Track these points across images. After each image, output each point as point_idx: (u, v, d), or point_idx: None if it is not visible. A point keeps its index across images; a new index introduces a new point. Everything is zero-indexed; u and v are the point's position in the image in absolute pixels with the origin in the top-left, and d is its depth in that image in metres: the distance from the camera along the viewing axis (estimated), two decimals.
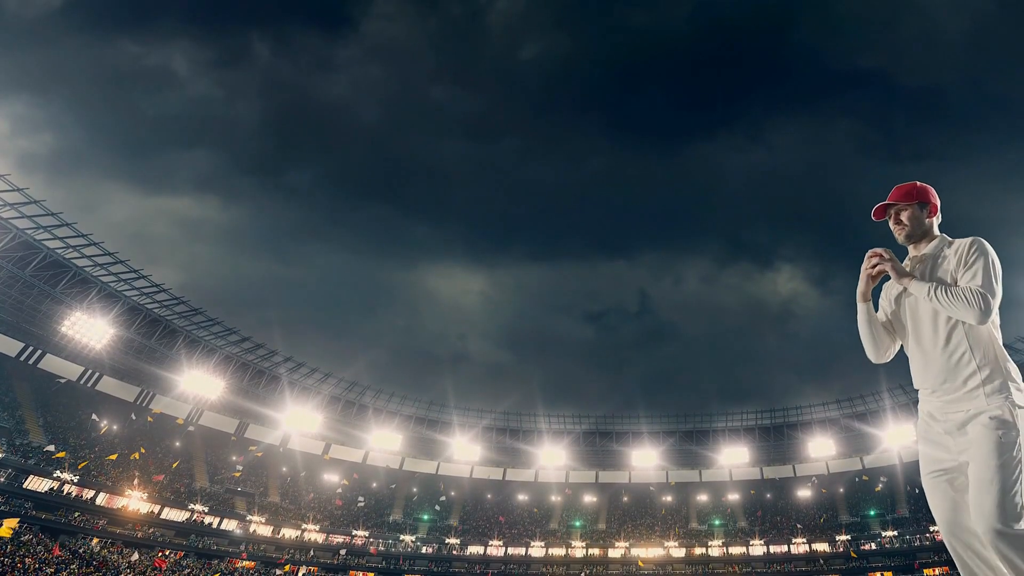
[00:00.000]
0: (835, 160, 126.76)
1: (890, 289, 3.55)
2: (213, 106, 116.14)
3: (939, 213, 3.52)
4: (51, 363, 53.35)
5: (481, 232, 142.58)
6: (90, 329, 50.61)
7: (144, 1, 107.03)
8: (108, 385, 56.79)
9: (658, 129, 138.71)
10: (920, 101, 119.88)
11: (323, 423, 66.67)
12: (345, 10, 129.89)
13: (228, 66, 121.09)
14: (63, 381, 53.27)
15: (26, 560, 36.99)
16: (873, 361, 3.61)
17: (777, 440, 68.66)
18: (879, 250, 3.39)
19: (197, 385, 58.80)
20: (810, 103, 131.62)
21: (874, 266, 3.36)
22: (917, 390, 3.39)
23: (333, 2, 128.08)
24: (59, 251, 46.51)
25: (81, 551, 42.30)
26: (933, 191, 3.51)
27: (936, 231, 3.49)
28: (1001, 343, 3.23)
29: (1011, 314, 72.43)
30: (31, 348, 52.42)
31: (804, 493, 66.24)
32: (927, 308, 3.25)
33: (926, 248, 3.45)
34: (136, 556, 43.96)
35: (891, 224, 3.53)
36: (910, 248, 3.55)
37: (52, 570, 37.58)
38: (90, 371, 55.78)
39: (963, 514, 3.05)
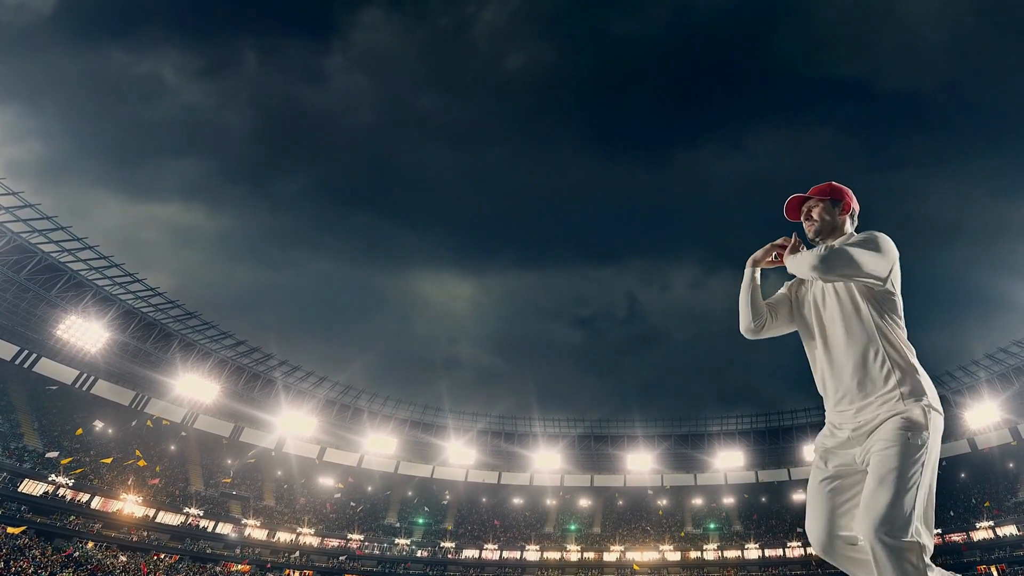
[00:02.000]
0: (816, 167, 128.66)
1: (798, 288, 3.56)
2: (201, 115, 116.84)
3: (854, 215, 3.50)
4: (46, 367, 53.28)
5: (469, 239, 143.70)
6: (85, 333, 50.62)
7: (133, 10, 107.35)
8: (103, 389, 56.77)
9: (642, 137, 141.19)
10: (900, 108, 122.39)
11: (318, 427, 66.65)
12: (333, 20, 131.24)
13: (216, 75, 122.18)
14: (55, 388, 53.25)
15: (22, 563, 36.99)
16: (744, 333, 3.60)
17: (772, 444, 68.83)
18: (795, 238, 3.41)
19: (192, 389, 58.74)
20: (791, 111, 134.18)
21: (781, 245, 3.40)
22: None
23: (321, 12, 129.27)
24: (54, 255, 46.56)
25: (76, 555, 42.28)
26: (850, 192, 3.50)
27: (848, 230, 3.45)
28: (911, 350, 3.16)
29: (1007, 318, 73.12)
30: (26, 352, 52.40)
31: (799, 496, 66.34)
32: (838, 311, 3.22)
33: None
34: (123, 558, 43.94)
35: (803, 220, 3.51)
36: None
37: (48, 573, 37.58)
38: (85, 375, 55.79)
39: (842, 521, 3.03)
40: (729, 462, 68.70)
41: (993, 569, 49.59)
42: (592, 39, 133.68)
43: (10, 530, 38.44)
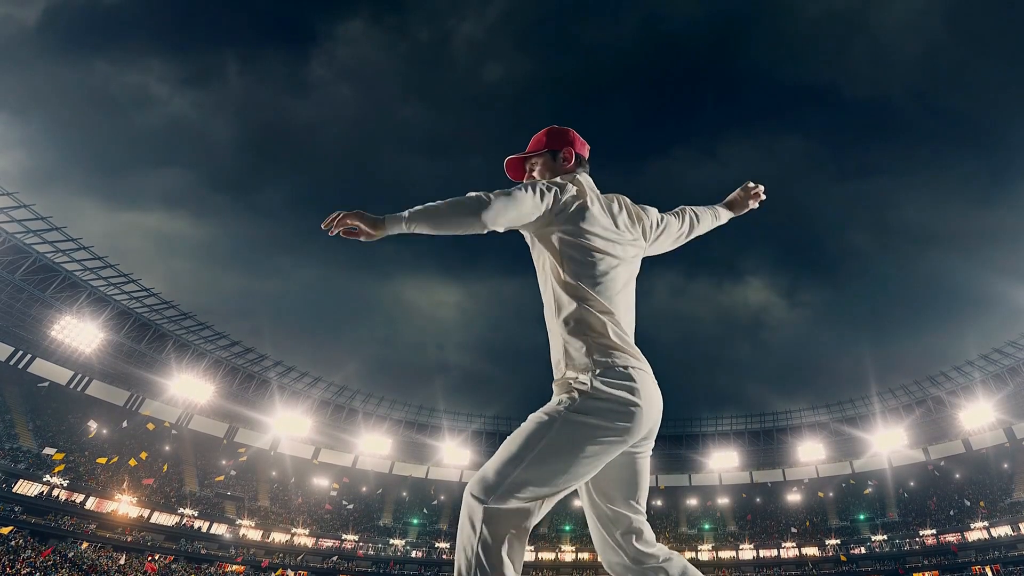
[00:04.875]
0: (790, 175, 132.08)
1: None
2: (184, 125, 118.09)
3: (582, 161, 3.06)
4: (41, 367, 53.56)
5: (452, 248, 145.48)
6: (80, 333, 50.70)
7: (117, 22, 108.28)
8: (97, 389, 56.97)
9: (618, 145, 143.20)
10: (872, 117, 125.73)
11: (313, 427, 66.76)
12: (315, 33, 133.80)
13: (200, 86, 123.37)
14: (46, 384, 53.35)
15: (16, 564, 37.05)
16: None
17: (767, 444, 68.93)
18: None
19: (187, 389, 58.85)
20: (763, 118, 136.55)
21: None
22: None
23: (303, 25, 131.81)
24: (49, 255, 46.68)
25: (71, 555, 42.32)
26: (573, 134, 3.07)
27: None
28: (596, 323, 2.65)
29: (1002, 319, 73.24)
30: (21, 352, 52.62)
31: (794, 497, 66.49)
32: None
33: None
34: (121, 560, 43.97)
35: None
36: None
37: (42, 574, 37.65)
38: (80, 375, 55.97)
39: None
40: (723, 463, 68.85)
41: (988, 570, 49.63)
42: (566, 50, 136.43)
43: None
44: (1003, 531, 51.14)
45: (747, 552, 60.73)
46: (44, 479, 46.65)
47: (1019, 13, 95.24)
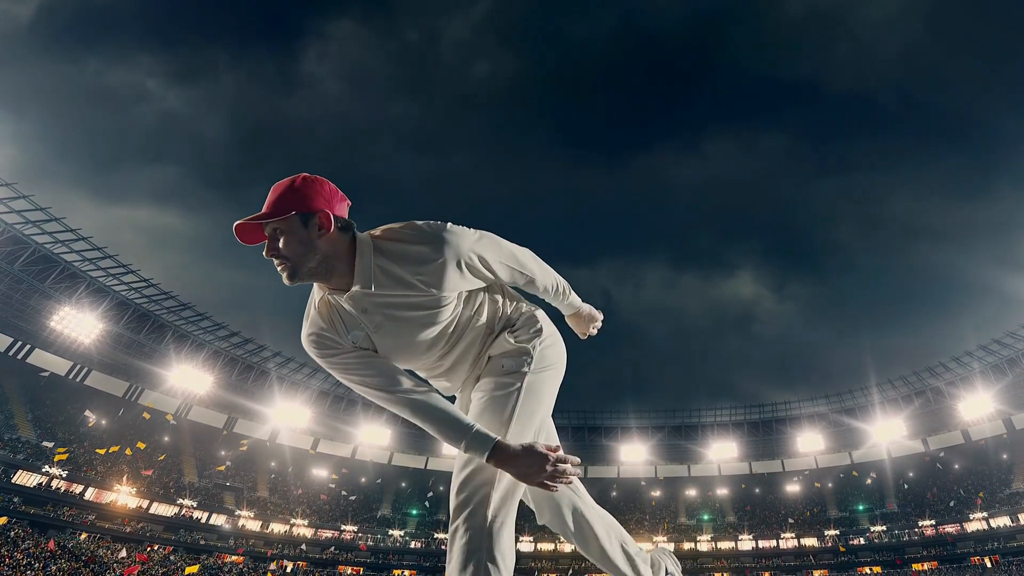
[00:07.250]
0: (772, 171, 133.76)
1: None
2: (175, 121, 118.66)
3: (347, 225, 2.32)
4: (40, 358, 53.45)
5: None
6: (79, 324, 50.68)
7: (110, 19, 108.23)
8: (96, 380, 56.95)
9: (603, 142, 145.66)
10: (853, 113, 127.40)
11: (311, 418, 66.75)
12: (306, 30, 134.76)
13: (191, 84, 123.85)
14: (46, 375, 53.36)
15: (16, 555, 37.10)
16: None
17: (766, 435, 69.03)
18: None
19: (186, 380, 58.81)
20: (744, 115, 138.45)
21: None
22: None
23: (294, 23, 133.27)
24: (48, 246, 46.64)
25: (70, 546, 42.38)
26: (330, 188, 2.32)
27: (344, 243, 2.31)
28: None
29: (1001, 309, 73.21)
30: (20, 343, 52.52)
31: (793, 488, 66.60)
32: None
33: (359, 285, 2.31)
34: (124, 553, 44.01)
35: (272, 257, 2.27)
36: (324, 288, 2.42)
37: (41, 565, 37.68)
38: (79, 366, 55.91)
39: None
40: (723, 453, 68.94)
41: (987, 560, 49.73)
42: (550, 47, 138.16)
43: None
44: (1002, 522, 51.21)
45: (746, 543, 60.87)
46: (43, 470, 46.71)
47: (998, 10, 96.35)
